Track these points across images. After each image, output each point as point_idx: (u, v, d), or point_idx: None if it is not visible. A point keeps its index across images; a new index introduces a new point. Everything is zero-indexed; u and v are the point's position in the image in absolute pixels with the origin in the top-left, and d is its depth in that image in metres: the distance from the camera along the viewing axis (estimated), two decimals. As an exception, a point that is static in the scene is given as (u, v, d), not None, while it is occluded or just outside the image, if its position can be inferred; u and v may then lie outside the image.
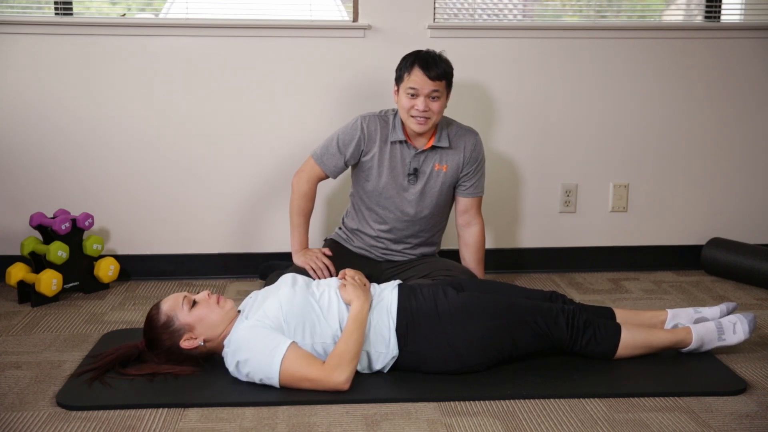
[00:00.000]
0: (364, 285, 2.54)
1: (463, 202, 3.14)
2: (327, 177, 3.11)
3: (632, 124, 3.64)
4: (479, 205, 3.17)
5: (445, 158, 3.06)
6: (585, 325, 2.49)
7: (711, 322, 2.59)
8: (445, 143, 3.03)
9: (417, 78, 2.90)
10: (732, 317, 2.60)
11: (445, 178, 3.07)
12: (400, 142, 3.03)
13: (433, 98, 2.92)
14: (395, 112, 3.05)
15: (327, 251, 3.12)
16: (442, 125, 3.05)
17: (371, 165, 3.05)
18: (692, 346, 2.56)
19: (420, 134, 3.01)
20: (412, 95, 2.91)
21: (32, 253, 3.23)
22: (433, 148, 3.04)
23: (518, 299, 2.54)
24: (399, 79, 2.97)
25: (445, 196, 3.12)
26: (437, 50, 2.98)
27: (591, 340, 2.49)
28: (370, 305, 2.45)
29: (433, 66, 2.90)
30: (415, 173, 3.04)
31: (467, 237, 3.17)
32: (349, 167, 3.12)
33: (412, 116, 2.92)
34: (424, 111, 2.91)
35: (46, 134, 3.41)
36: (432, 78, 2.89)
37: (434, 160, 3.05)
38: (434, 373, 2.43)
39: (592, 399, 2.32)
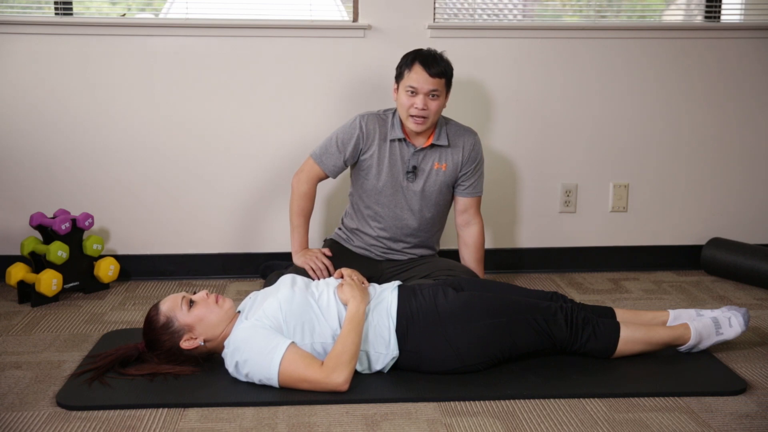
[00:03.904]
0: (363, 284, 2.54)
1: (462, 202, 3.15)
2: (327, 177, 3.12)
3: (632, 124, 3.64)
4: (478, 205, 3.17)
5: (444, 157, 3.06)
6: (584, 321, 2.49)
7: (707, 318, 2.60)
8: (444, 141, 3.04)
9: (417, 75, 2.90)
10: (726, 312, 2.62)
11: (444, 177, 3.07)
12: (399, 140, 3.03)
13: (432, 97, 2.92)
14: (394, 111, 3.06)
15: (327, 251, 3.12)
16: (441, 123, 3.06)
17: (370, 164, 3.05)
18: (691, 341, 2.56)
19: (418, 133, 3.01)
20: (412, 93, 2.92)
21: (32, 253, 3.22)
22: (432, 146, 3.05)
23: (517, 298, 2.54)
24: (399, 77, 2.98)
25: (444, 196, 3.12)
26: (438, 50, 2.98)
27: (591, 337, 2.49)
28: (369, 305, 2.45)
29: (433, 63, 2.91)
30: (414, 171, 3.04)
31: (466, 237, 3.18)
32: (349, 167, 3.13)
33: (411, 115, 2.93)
34: (423, 110, 2.91)
35: (46, 134, 3.41)
36: (432, 75, 2.89)
37: (433, 158, 3.05)
38: (434, 372, 2.43)
39: (592, 399, 2.32)
